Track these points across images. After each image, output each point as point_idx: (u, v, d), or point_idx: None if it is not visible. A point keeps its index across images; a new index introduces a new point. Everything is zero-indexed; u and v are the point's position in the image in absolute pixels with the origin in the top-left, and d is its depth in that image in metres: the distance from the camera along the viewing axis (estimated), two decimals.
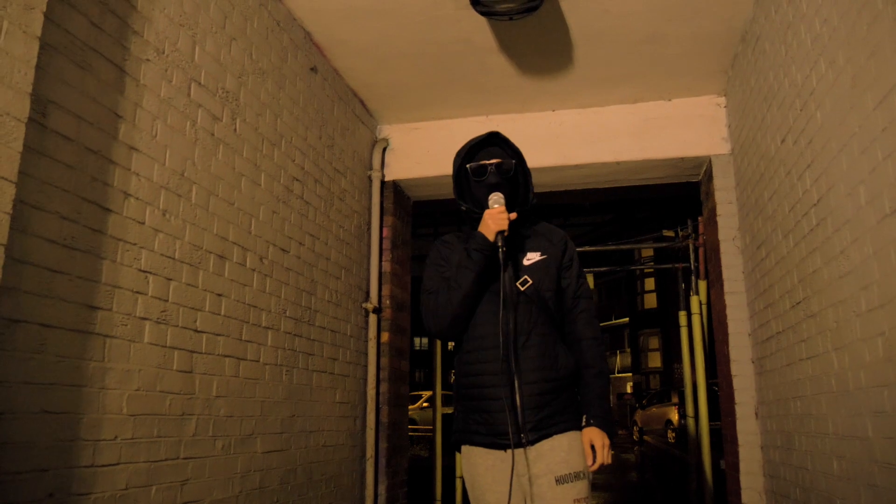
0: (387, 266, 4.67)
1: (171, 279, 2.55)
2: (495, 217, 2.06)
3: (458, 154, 2.23)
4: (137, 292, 2.37)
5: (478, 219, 2.16)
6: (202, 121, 2.79)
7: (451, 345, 7.17)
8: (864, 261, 2.34)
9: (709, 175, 4.52)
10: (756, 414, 4.00)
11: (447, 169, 4.84)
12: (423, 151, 4.88)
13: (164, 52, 2.57)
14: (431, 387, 6.94)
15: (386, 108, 4.74)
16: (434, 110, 4.76)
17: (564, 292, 2.20)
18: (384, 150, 4.83)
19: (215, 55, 2.91)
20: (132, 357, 2.33)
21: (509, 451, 2.02)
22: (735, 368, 4.14)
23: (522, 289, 2.11)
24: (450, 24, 3.70)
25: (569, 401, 2.11)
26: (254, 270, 3.14)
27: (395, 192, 4.87)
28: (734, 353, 4.16)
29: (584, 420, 2.09)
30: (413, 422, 16.43)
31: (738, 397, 4.11)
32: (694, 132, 4.49)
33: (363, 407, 4.34)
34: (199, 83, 2.79)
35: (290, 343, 3.44)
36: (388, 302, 4.62)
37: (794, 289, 3.15)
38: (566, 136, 4.65)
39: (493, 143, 2.23)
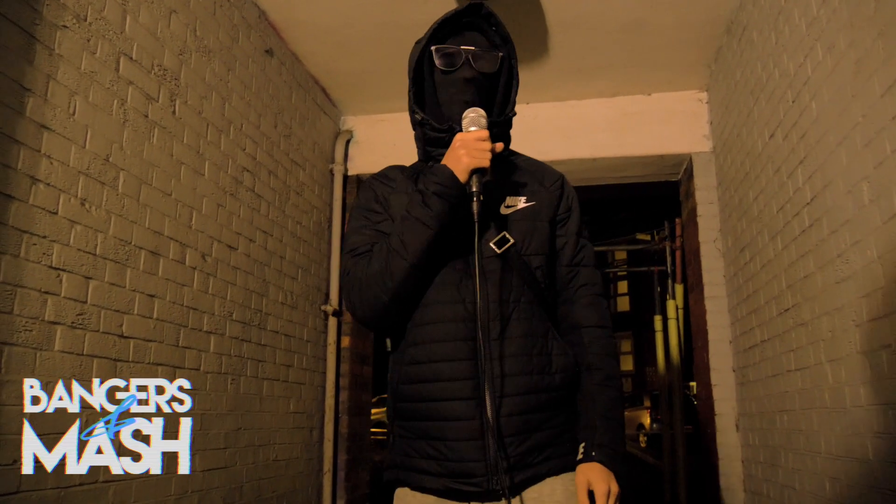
0: None
1: (90, 278, 2.24)
2: (471, 147, 1.34)
3: (424, 36, 1.51)
4: (47, 292, 2.05)
5: (440, 139, 1.47)
6: (133, 100, 2.48)
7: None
8: (866, 265, 2.11)
9: (689, 174, 4.31)
10: (737, 426, 3.79)
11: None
12: (389, 145, 4.58)
13: (85, 20, 2.26)
14: None
15: (350, 98, 4.45)
16: (402, 101, 4.42)
17: (558, 257, 1.51)
18: (348, 142, 4.53)
19: (151, 28, 2.60)
20: (38, 367, 2.01)
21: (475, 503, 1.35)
22: (715, 377, 3.92)
23: (499, 251, 1.40)
24: (416, 6, 3.42)
25: (567, 423, 1.44)
26: (194, 269, 2.83)
27: (360, 187, 4.58)
28: (714, 360, 3.94)
29: (580, 450, 1.39)
30: (384, 424, 16.11)
31: (717, 408, 3.89)
32: (674, 129, 4.27)
33: (320, 417, 4.04)
34: (131, 58, 2.48)
35: (237, 349, 3.14)
36: None
37: (781, 295, 2.93)
38: (541, 130, 4.40)
39: (475, 25, 1.52)
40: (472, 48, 1.47)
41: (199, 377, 2.82)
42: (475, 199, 1.33)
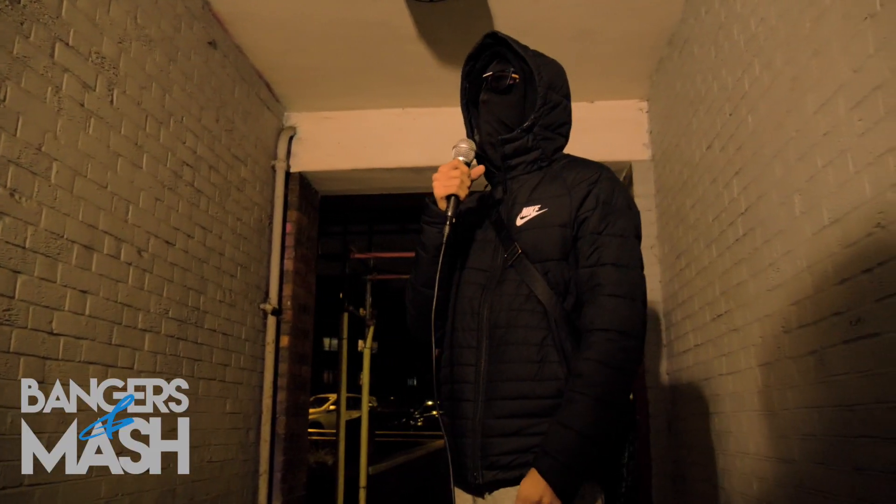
0: (289, 264, 4.31)
1: (18, 272, 2.13)
2: (441, 175, 1.52)
3: (462, 74, 1.70)
4: None
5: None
6: (69, 88, 2.37)
7: (358, 345, 6.78)
8: (796, 274, 2.21)
9: (629, 181, 4.41)
10: (669, 428, 3.90)
11: (359, 162, 4.58)
12: (334, 143, 4.54)
13: (19, 2, 2.15)
14: (337, 389, 6.59)
15: (295, 94, 4.37)
16: (348, 99, 4.43)
17: (579, 261, 1.53)
18: (291, 138, 4.46)
19: (89, 14, 2.49)
20: None
21: (478, 499, 1.49)
22: (648, 380, 4.03)
23: (510, 262, 1.53)
24: (367, 4, 3.40)
25: None
26: (130, 264, 2.73)
27: (302, 184, 4.51)
28: (648, 363, 4.05)
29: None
30: (318, 425, 15.90)
31: (651, 410, 4.00)
32: (616, 137, 4.37)
33: (258, 417, 3.96)
34: (67, 44, 2.37)
35: (173, 348, 3.04)
36: (289, 303, 4.26)
37: (715, 301, 3.04)
38: None
39: (497, 53, 1.67)
40: (491, 73, 1.64)
41: (132, 376, 2.71)
42: (448, 221, 1.50)
